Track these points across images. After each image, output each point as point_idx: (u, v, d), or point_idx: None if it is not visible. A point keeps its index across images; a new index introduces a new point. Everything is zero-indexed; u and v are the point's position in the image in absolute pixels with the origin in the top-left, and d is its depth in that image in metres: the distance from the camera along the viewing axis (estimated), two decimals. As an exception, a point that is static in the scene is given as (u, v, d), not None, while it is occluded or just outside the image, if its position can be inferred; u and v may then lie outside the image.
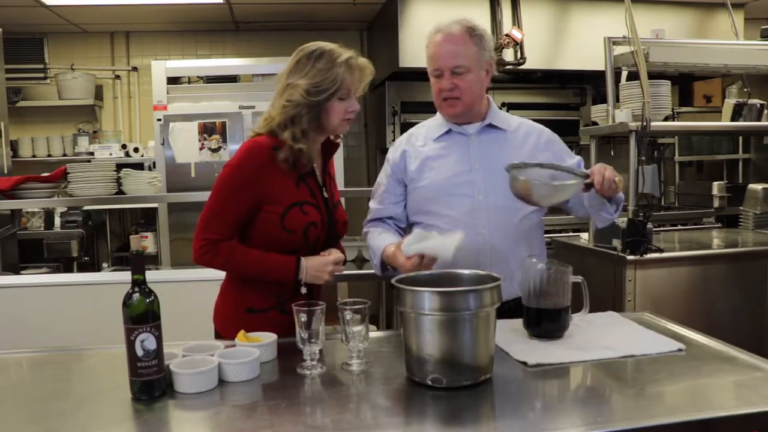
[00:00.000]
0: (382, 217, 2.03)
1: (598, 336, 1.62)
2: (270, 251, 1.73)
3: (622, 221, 2.91)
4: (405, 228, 2.04)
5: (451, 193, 1.89)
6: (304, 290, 1.75)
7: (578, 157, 2.04)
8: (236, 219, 1.72)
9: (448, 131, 1.96)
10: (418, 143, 2.00)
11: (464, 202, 1.88)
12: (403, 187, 2.00)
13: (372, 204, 2.06)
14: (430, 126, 2.02)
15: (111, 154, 4.60)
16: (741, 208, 3.69)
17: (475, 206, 1.87)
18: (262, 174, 1.70)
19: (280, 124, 1.71)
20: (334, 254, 1.77)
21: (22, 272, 3.88)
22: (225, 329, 1.79)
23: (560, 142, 2.03)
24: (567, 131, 4.64)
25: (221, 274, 1.86)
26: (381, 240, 1.93)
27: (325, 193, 1.82)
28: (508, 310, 1.69)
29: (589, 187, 1.68)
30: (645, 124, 2.81)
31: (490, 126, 1.96)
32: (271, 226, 1.72)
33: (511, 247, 1.86)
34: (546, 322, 1.61)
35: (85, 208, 4.55)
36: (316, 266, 1.74)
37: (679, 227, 4.13)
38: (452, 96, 1.87)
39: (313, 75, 1.68)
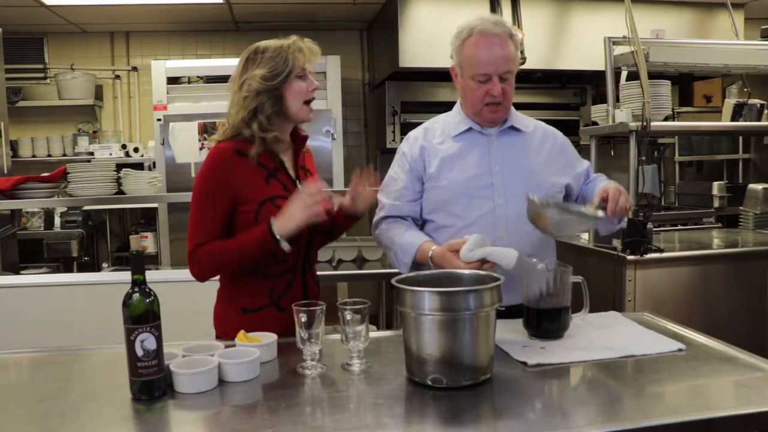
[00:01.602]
0: (400, 214, 1.93)
1: (599, 336, 1.62)
2: None
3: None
4: (420, 225, 1.96)
5: (471, 195, 1.85)
6: (286, 246, 1.66)
7: (587, 163, 2.04)
8: (214, 225, 1.73)
9: (469, 129, 1.90)
10: (436, 140, 1.92)
11: (484, 204, 1.84)
12: (421, 184, 1.92)
13: (386, 199, 1.95)
14: (448, 122, 1.95)
15: (111, 154, 4.60)
16: (741, 208, 3.68)
17: (495, 210, 1.84)
18: (230, 175, 1.72)
19: (244, 120, 1.72)
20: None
21: (22, 272, 3.88)
22: (224, 332, 1.79)
23: (572, 148, 2.03)
24: (567, 131, 4.57)
25: (221, 275, 1.86)
26: (411, 237, 1.84)
27: (299, 186, 1.82)
28: (514, 314, 1.69)
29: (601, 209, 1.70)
30: (645, 124, 2.82)
31: (511, 128, 1.91)
32: (249, 225, 1.72)
33: (527, 253, 1.76)
34: (546, 322, 1.61)
35: (85, 208, 4.55)
36: (287, 211, 1.67)
37: (679, 227, 4.12)
38: (497, 101, 1.81)
39: (266, 63, 1.72)
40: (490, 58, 1.78)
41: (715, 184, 4.41)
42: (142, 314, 1.29)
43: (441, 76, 1.98)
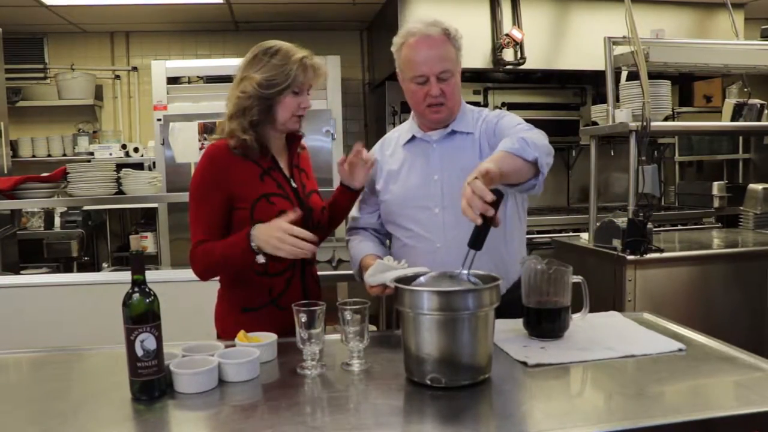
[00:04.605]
0: (358, 226, 2.01)
1: (599, 336, 1.62)
2: None
3: (622, 221, 2.91)
4: (385, 234, 1.99)
5: (412, 206, 1.85)
6: (261, 259, 1.65)
7: (505, 121, 1.81)
8: (213, 222, 1.73)
9: (413, 138, 1.91)
10: (388, 152, 1.96)
11: (423, 215, 1.84)
12: (377, 196, 1.96)
13: (352, 212, 2.03)
14: (402, 131, 1.97)
15: (111, 154, 4.61)
16: (741, 208, 3.69)
17: (432, 220, 1.82)
18: (226, 173, 1.73)
19: (231, 115, 1.74)
20: (289, 216, 1.65)
21: (22, 272, 3.88)
22: (224, 331, 1.80)
23: (502, 122, 1.80)
24: (567, 131, 4.67)
25: (221, 274, 1.86)
26: (359, 249, 1.90)
27: (293, 184, 1.83)
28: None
29: (485, 221, 1.37)
30: (645, 124, 2.81)
31: (452, 132, 1.86)
32: (244, 222, 1.73)
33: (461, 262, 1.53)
34: (546, 322, 1.60)
35: (85, 208, 4.55)
36: (266, 232, 1.63)
37: (679, 227, 4.13)
38: (438, 102, 1.79)
39: (268, 69, 1.72)
40: (425, 58, 1.77)
41: (715, 184, 4.42)
42: (142, 314, 1.29)
43: (441, 76, 1.98)
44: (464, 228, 1.73)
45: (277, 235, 1.61)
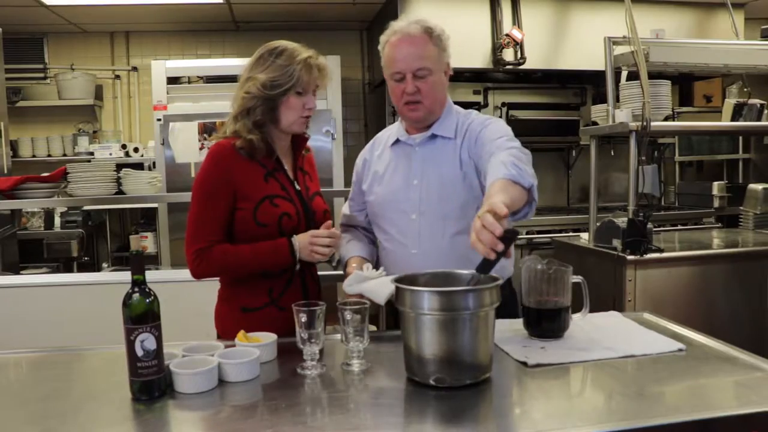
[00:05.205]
0: (349, 223, 2.01)
1: (599, 336, 1.62)
2: None
3: (622, 221, 2.91)
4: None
5: (391, 209, 1.86)
6: (297, 267, 1.77)
7: (488, 127, 1.78)
8: (220, 222, 1.74)
9: (397, 141, 1.90)
10: (377, 152, 1.96)
11: (400, 219, 1.84)
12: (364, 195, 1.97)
13: (343, 209, 2.05)
14: (391, 132, 1.96)
15: (111, 154, 4.61)
16: (741, 208, 3.69)
17: (408, 225, 1.82)
18: (230, 172, 1.73)
19: (236, 115, 1.76)
20: (321, 230, 1.77)
21: (22, 272, 3.88)
22: (224, 332, 1.80)
23: (487, 131, 1.77)
24: (567, 131, 4.67)
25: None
26: (346, 250, 1.91)
27: (297, 186, 1.84)
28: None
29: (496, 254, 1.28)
30: (645, 124, 2.81)
31: (433, 136, 1.84)
32: (246, 223, 1.74)
33: (443, 267, 1.56)
34: (546, 322, 1.60)
35: (85, 208, 4.55)
36: (304, 243, 1.75)
37: (679, 227, 4.13)
38: (414, 100, 1.78)
39: (272, 70, 1.73)
40: (402, 56, 1.76)
41: (715, 184, 4.42)
42: (142, 314, 1.29)
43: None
44: (439, 237, 1.77)
45: (309, 248, 1.74)
